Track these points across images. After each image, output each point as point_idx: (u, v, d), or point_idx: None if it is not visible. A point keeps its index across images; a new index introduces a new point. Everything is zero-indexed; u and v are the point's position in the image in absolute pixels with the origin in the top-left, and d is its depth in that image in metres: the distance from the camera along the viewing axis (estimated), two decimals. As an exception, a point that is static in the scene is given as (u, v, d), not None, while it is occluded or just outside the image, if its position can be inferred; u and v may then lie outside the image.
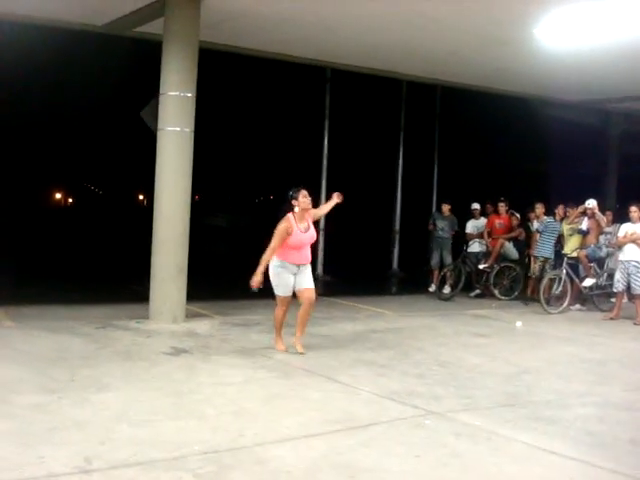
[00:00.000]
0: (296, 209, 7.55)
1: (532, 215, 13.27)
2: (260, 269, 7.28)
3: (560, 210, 12.65)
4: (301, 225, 7.53)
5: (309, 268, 7.67)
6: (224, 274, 15.69)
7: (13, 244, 22.46)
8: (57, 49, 16.02)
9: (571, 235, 12.30)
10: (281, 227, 7.41)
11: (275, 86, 22.69)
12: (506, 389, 6.47)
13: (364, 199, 28.21)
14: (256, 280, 7.25)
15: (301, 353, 7.50)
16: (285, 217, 7.49)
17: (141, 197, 75.17)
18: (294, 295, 7.60)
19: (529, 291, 12.74)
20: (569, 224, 12.28)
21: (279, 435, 4.90)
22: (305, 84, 19.31)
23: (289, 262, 7.47)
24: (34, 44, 14.10)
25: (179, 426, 5.01)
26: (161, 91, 9.38)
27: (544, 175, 22.32)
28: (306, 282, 7.56)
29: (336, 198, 8.07)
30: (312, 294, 7.59)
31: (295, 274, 7.51)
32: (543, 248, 12.42)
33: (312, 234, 7.69)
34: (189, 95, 9.33)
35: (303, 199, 7.52)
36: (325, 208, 8.30)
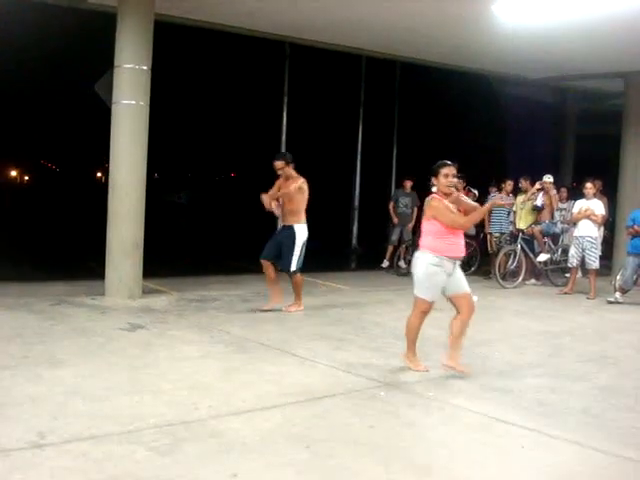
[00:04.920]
0: (434, 189, 6.02)
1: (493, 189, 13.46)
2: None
3: (507, 185, 12.77)
4: (451, 205, 5.96)
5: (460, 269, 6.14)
6: (182, 251, 15.58)
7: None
8: (8, 20, 15.64)
9: (522, 209, 12.45)
10: (439, 205, 5.86)
11: (234, 61, 22.47)
12: (460, 361, 6.55)
13: (324, 176, 28.19)
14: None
15: (463, 372, 5.98)
16: (431, 197, 6.00)
17: (99, 174, 74.16)
18: None
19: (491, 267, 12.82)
20: (527, 199, 12.42)
21: (235, 408, 4.91)
22: (264, 60, 19.15)
23: (448, 256, 5.86)
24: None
25: (134, 401, 4.99)
26: (115, 63, 9.22)
27: (502, 152, 22.52)
28: (464, 285, 6.03)
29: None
30: (472, 301, 6.07)
31: (449, 275, 5.94)
32: (495, 224, 12.67)
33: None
34: (144, 68, 9.20)
35: (444, 180, 5.90)
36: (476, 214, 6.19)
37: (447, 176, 5.86)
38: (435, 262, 5.84)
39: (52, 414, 4.62)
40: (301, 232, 8.56)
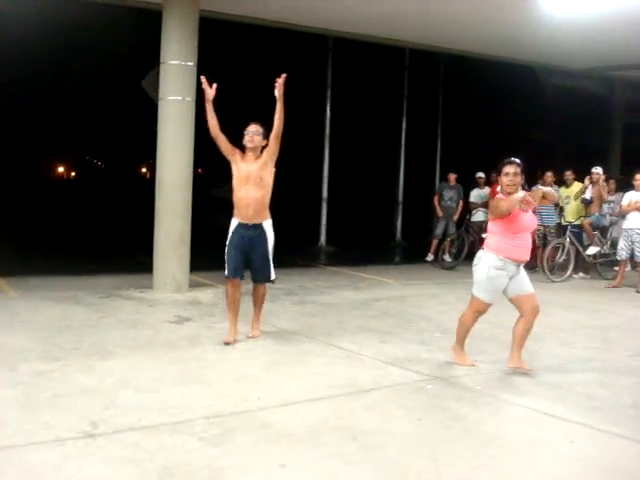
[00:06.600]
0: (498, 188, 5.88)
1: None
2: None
3: (547, 177, 12.47)
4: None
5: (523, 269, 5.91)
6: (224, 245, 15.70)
7: (17, 217, 22.52)
8: (58, 19, 15.93)
9: (567, 203, 12.30)
10: (500, 203, 5.61)
11: (277, 55, 22.53)
12: (508, 355, 6.48)
13: (367, 169, 28.16)
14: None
15: (531, 370, 5.87)
16: (497, 197, 5.79)
17: (144, 170, 75.03)
18: None
19: (537, 260, 12.65)
20: (579, 194, 12.23)
21: (282, 399, 4.94)
22: (307, 53, 19.16)
23: (511, 259, 5.66)
24: (34, 14, 14.02)
25: (183, 392, 5.05)
26: (161, 60, 9.33)
27: (548, 144, 22.23)
28: (527, 286, 5.82)
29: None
30: (537, 302, 5.84)
31: (511, 277, 5.76)
32: (539, 216, 12.45)
33: (533, 218, 5.85)
34: (190, 64, 9.28)
35: (504, 178, 5.68)
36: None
37: (507, 175, 5.65)
38: (498, 265, 5.67)
39: (104, 404, 4.70)
40: (271, 230, 6.74)
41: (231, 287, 6.66)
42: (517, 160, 5.71)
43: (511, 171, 5.65)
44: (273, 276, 6.85)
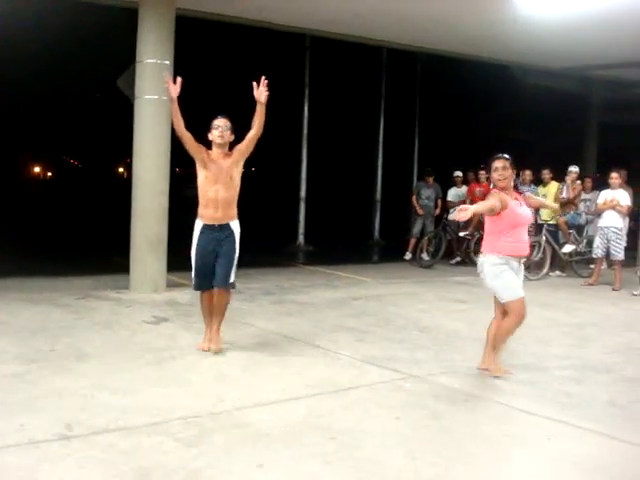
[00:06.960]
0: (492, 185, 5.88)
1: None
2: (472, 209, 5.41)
3: (526, 176, 12.48)
4: (513, 200, 5.70)
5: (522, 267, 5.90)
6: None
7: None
8: (31, 17, 15.75)
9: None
10: (493, 199, 5.59)
11: (254, 54, 22.47)
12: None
13: (345, 168, 28.17)
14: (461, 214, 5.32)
15: (508, 372, 5.84)
16: (491, 193, 5.76)
17: (121, 170, 74.50)
18: None
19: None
20: (558, 197, 12.34)
21: (260, 399, 4.92)
22: (284, 52, 19.11)
23: (511, 255, 5.66)
24: (6, 12, 13.86)
25: (160, 393, 5.01)
26: (138, 59, 9.26)
27: (525, 142, 22.36)
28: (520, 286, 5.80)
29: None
30: (524, 306, 5.78)
31: (515, 273, 5.73)
32: None
33: (529, 212, 5.92)
34: (166, 62, 9.21)
35: (494, 174, 5.71)
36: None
37: (497, 170, 5.67)
38: (500, 262, 5.62)
39: (79, 406, 4.66)
40: (238, 230, 6.36)
41: (205, 297, 6.37)
42: (505, 155, 5.76)
43: (500, 165, 5.67)
44: (232, 278, 6.28)
